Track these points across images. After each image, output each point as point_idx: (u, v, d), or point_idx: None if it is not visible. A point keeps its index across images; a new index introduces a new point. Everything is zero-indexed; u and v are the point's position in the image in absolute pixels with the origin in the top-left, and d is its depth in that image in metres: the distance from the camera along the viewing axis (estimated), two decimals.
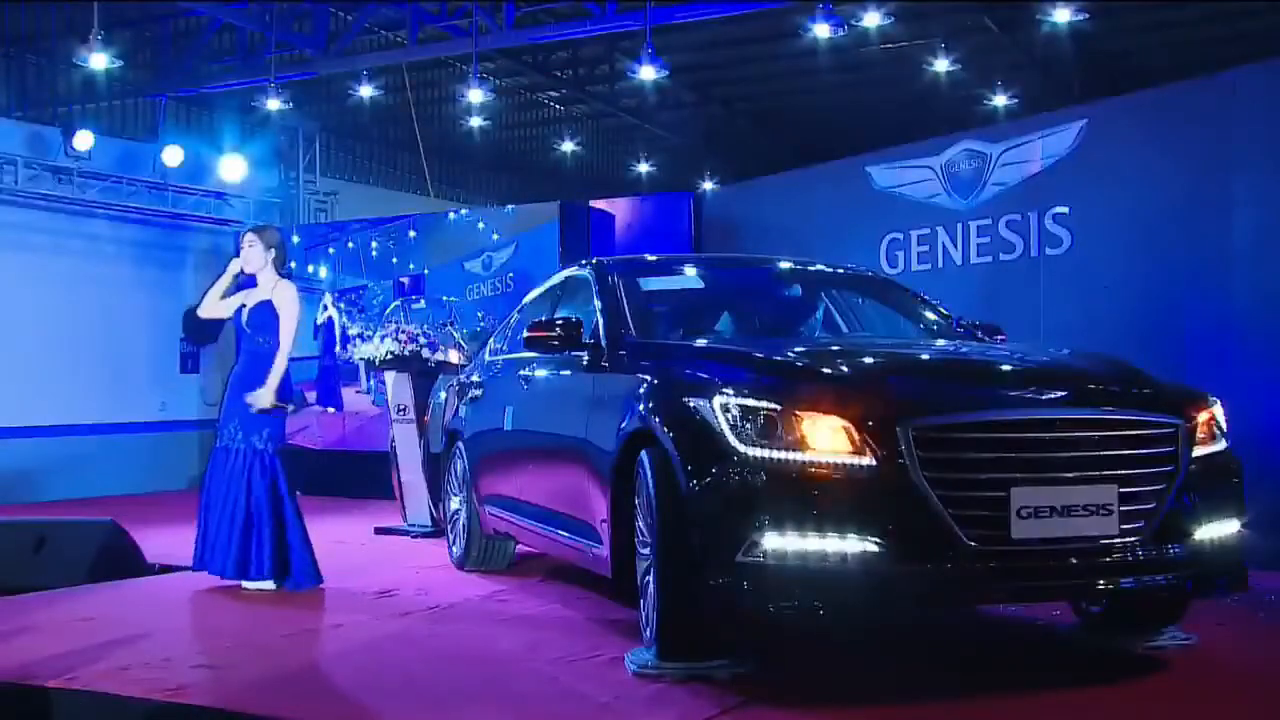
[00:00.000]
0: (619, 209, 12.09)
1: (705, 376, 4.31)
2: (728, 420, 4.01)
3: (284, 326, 6.27)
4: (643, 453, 4.37)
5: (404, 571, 6.93)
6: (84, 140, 12.14)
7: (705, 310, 5.85)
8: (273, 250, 6.38)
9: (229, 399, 6.39)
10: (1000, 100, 15.67)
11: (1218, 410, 4.40)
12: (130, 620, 5.56)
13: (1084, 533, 3.92)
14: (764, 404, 4.00)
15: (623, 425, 4.56)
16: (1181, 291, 7.60)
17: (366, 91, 14.19)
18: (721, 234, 11.16)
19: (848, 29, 11.56)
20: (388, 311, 11.91)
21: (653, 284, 5.80)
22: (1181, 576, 4.12)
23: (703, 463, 4.02)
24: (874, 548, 3.80)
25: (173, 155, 12.82)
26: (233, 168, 13.38)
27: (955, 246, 9.13)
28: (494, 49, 13.33)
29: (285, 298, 6.31)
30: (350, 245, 12.44)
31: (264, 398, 6.19)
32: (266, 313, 6.31)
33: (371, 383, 11.61)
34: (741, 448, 3.95)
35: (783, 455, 3.90)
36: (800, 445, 3.90)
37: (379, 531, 8.79)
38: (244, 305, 6.40)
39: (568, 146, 18.97)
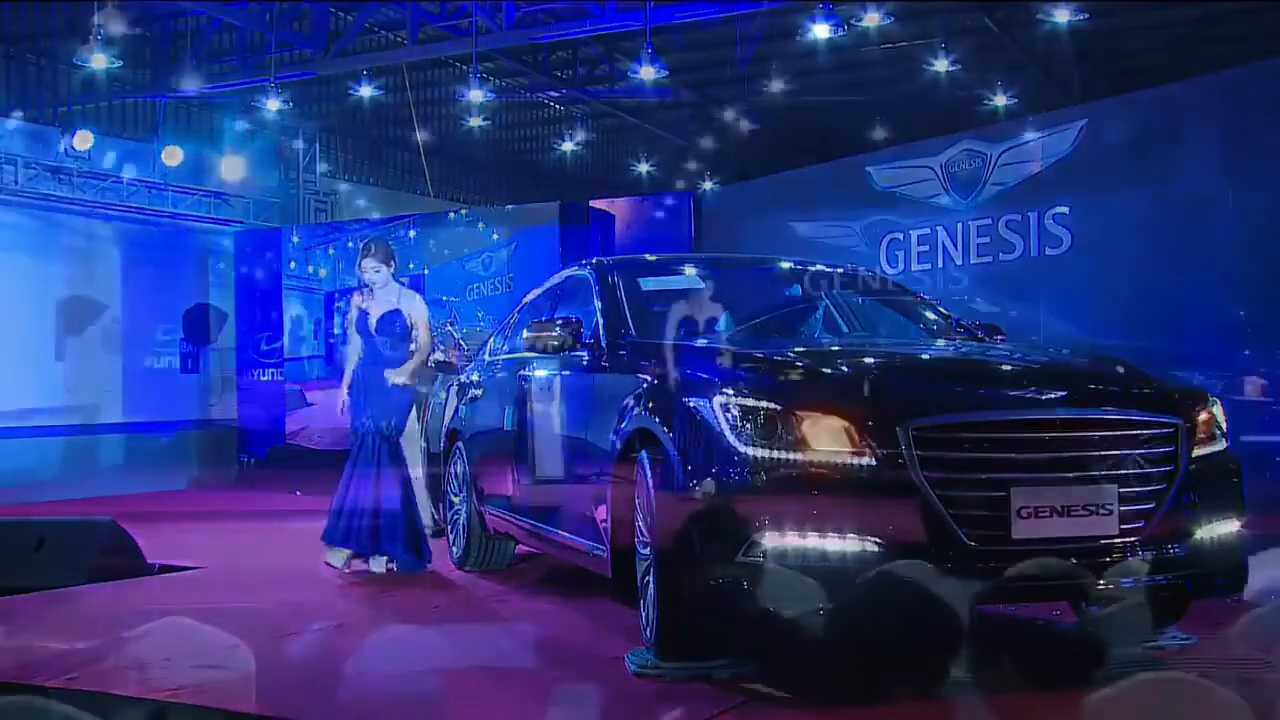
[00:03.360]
0: (619, 209, 12.10)
1: (705, 376, 4.30)
2: (728, 420, 4.00)
3: (422, 331, 6.91)
4: (643, 453, 4.37)
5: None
6: (84, 140, 12.13)
7: (705, 310, 5.84)
8: (392, 264, 6.96)
9: (358, 394, 6.92)
10: (1000, 100, 15.65)
11: (1218, 410, 4.40)
12: (130, 620, 5.55)
13: (1084, 533, 3.91)
14: (764, 404, 3.99)
15: (623, 425, 4.56)
16: (1182, 292, 7.61)
17: (366, 91, 14.20)
18: (721, 234, 11.17)
19: (848, 29, 11.55)
20: None
21: (653, 284, 5.79)
22: (1181, 576, 4.12)
23: (703, 462, 4.02)
24: (874, 548, 3.80)
25: (172, 155, 12.82)
26: (233, 168, 13.37)
27: (955, 246, 9.13)
28: (494, 49, 13.32)
29: (416, 307, 6.97)
30: (350, 245, 12.42)
31: (398, 377, 6.78)
32: (397, 320, 6.88)
33: None
34: (741, 447, 3.95)
35: (783, 455, 3.90)
36: (800, 445, 3.90)
37: None
38: (368, 313, 6.93)
39: (568, 146, 18.96)
